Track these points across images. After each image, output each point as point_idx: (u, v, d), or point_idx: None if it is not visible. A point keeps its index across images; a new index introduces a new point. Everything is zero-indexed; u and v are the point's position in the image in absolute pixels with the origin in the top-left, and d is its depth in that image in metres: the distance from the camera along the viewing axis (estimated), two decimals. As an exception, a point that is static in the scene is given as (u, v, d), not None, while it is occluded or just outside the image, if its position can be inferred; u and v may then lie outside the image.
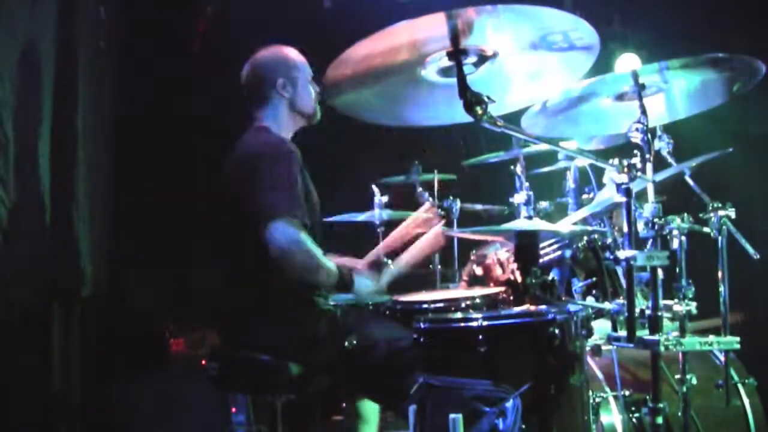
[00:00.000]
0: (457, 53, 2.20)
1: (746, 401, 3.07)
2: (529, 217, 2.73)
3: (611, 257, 2.74)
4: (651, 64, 2.46)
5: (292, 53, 3.05)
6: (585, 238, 2.87)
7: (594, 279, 2.86)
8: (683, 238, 2.54)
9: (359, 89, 2.40)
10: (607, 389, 2.93)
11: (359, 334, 2.75)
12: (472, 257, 3.41)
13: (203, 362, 4.13)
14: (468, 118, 2.18)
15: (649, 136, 2.41)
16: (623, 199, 2.29)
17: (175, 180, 4.63)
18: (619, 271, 2.76)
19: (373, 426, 3.14)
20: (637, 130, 2.41)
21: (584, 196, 3.30)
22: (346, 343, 2.72)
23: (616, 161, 2.30)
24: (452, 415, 2.19)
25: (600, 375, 3.00)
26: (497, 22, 2.13)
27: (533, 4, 2.05)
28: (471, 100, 2.14)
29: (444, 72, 2.32)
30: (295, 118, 3.03)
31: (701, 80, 2.61)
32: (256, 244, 2.70)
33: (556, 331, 2.48)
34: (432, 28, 2.14)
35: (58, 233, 3.50)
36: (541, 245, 2.94)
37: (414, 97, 2.49)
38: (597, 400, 2.88)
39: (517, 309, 2.69)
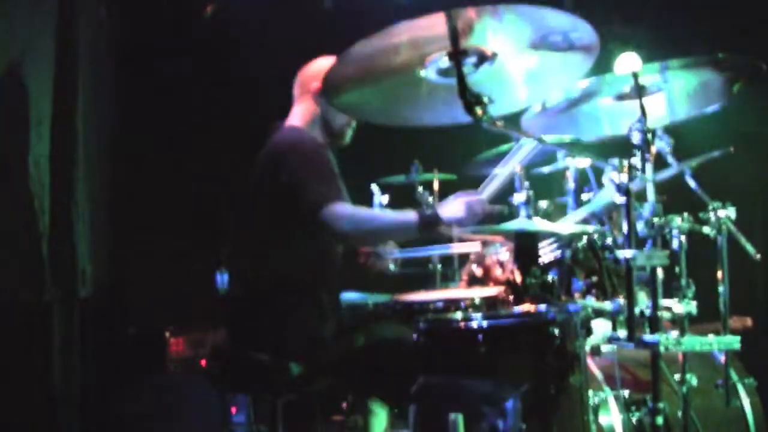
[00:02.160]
0: (456, 54, 2.20)
1: (746, 401, 3.07)
2: (529, 217, 2.73)
3: (611, 257, 2.74)
4: (651, 64, 2.46)
5: None
6: (585, 238, 2.87)
7: (594, 279, 2.85)
8: (683, 238, 2.54)
9: (359, 89, 2.40)
10: (607, 389, 2.93)
11: (363, 334, 2.76)
12: (472, 257, 3.41)
13: (203, 362, 4.15)
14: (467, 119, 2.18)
15: (649, 136, 2.40)
16: (623, 199, 2.29)
17: (175, 180, 4.63)
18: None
19: (384, 419, 3.15)
20: (636, 130, 2.41)
21: (584, 196, 3.29)
22: (351, 343, 2.73)
23: (615, 161, 2.30)
24: (452, 415, 2.19)
25: (600, 375, 2.99)
26: (497, 22, 2.13)
27: (533, 4, 2.05)
28: (471, 100, 2.14)
29: (444, 73, 2.31)
30: (324, 130, 3.02)
31: (701, 80, 2.61)
32: (271, 244, 2.72)
33: (556, 331, 2.47)
34: (432, 28, 2.14)
35: (58, 233, 3.50)
36: (541, 245, 2.94)
37: (414, 97, 2.49)
38: (597, 400, 2.87)
39: (517, 309, 2.69)
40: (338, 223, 2.69)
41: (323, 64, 3.01)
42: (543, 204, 3.23)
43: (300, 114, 3.01)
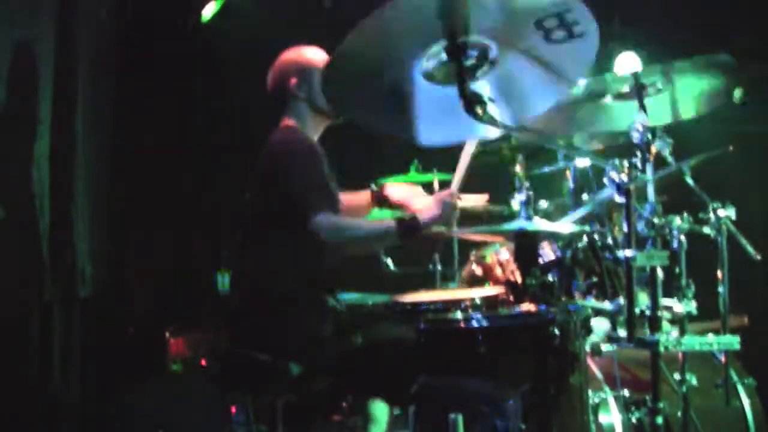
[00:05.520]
0: (456, 50, 2.18)
1: (746, 401, 3.07)
2: (529, 217, 2.73)
3: (611, 257, 2.74)
4: (651, 64, 2.47)
5: (307, 53, 3.03)
6: (585, 238, 2.87)
7: (594, 279, 2.85)
8: (683, 238, 2.54)
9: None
10: (607, 389, 2.93)
11: (362, 334, 2.76)
12: (472, 257, 3.41)
13: (203, 362, 4.15)
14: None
15: (649, 135, 2.40)
16: (622, 199, 2.28)
17: (174, 180, 4.63)
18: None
19: (382, 427, 3.14)
20: (636, 130, 2.41)
21: (584, 196, 3.29)
22: (351, 343, 2.73)
23: (615, 161, 2.29)
24: (452, 415, 2.19)
25: (600, 375, 2.99)
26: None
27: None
28: (471, 99, 2.14)
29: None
30: (317, 117, 3.01)
31: (701, 81, 2.61)
32: (270, 244, 2.73)
33: (556, 331, 2.48)
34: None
35: (58, 233, 3.51)
36: (541, 245, 2.94)
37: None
38: (596, 400, 2.88)
39: (517, 309, 2.69)
40: (322, 233, 2.73)
41: (288, 57, 3.04)
42: (543, 204, 3.23)
43: (291, 113, 3.01)
